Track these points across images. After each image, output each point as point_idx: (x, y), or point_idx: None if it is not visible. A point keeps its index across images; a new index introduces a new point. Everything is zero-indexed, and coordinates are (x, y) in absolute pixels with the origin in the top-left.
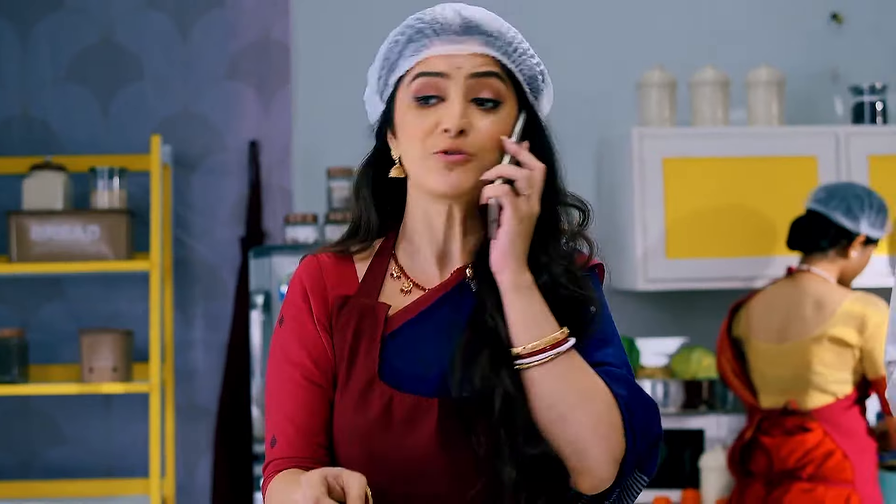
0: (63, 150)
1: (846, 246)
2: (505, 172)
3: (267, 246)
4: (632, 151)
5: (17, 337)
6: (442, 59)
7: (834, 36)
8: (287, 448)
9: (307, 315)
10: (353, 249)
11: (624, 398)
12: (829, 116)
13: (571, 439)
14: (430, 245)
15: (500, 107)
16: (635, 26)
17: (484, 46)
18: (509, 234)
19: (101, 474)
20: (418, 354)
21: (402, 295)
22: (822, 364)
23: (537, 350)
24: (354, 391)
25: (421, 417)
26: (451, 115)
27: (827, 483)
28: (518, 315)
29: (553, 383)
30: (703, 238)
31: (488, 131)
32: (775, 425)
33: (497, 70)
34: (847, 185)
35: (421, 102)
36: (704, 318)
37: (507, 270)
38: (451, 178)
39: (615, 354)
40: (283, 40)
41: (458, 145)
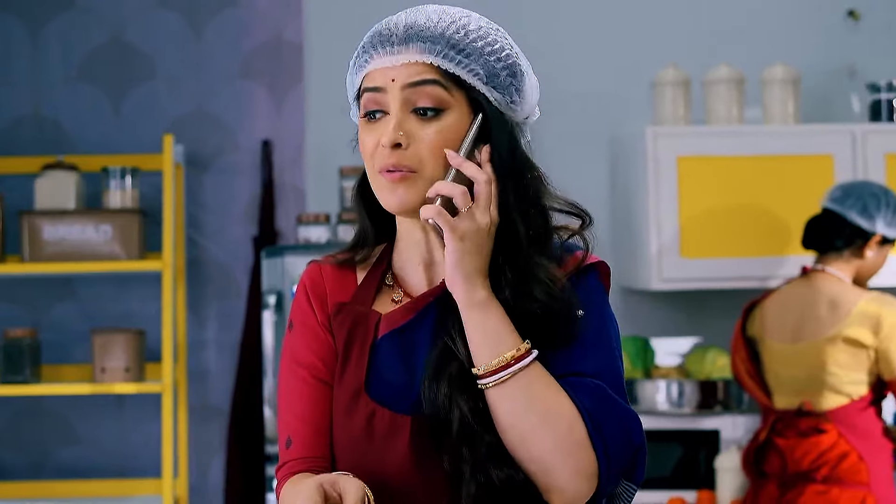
0: (75, 149)
1: (861, 246)
2: (442, 191)
3: (279, 246)
4: (646, 150)
5: (29, 337)
6: (379, 73)
7: (850, 33)
8: (302, 448)
9: (313, 318)
10: (357, 258)
11: (590, 411)
12: (846, 114)
13: (534, 459)
14: (417, 254)
15: (444, 114)
16: (649, 24)
17: (422, 54)
18: (452, 252)
19: (114, 474)
20: (403, 365)
21: (393, 304)
22: (837, 365)
23: (493, 369)
24: (342, 401)
25: (396, 434)
26: (386, 130)
27: (842, 485)
28: (474, 333)
29: (511, 404)
30: (717, 237)
31: (430, 142)
32: (789, 426)
33: (434, 76)
34: (864, 184)
35: (368, 118)
36: (719, 318)
37: (457, 288)
38: (397, 197)
39: (596, 363)
40: (296, 40)
41: (397, 160)
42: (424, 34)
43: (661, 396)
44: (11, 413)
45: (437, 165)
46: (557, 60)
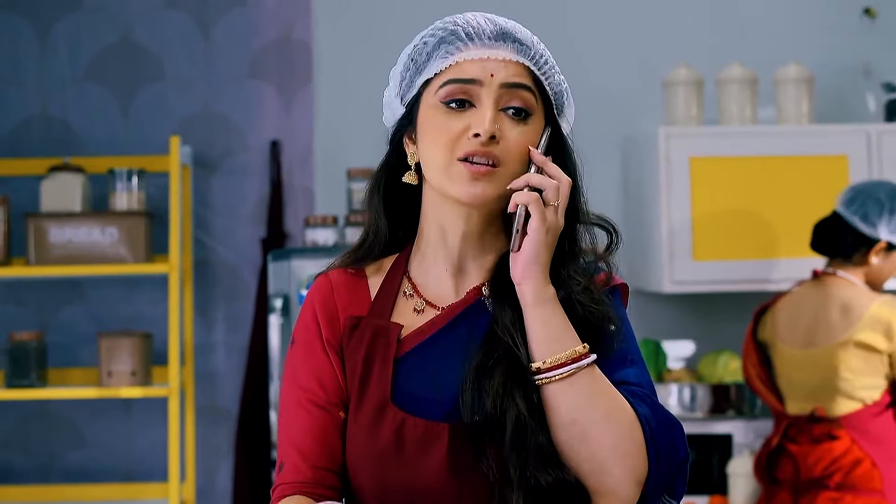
0: (82, 150)
1: (866, 253)
2: (533, 181)
3: (286, 249)
4: (658, 151)
5: (35, 340)
6: (475, 65)
7: (866, 31)
8: (293, 474)
9: (317, 339)
10: (366, 263)
11: (647, 417)
12: (862, 114)
13: (592, 458)
14: (445, 260)
15: (530, 118)
16: (661, 24)
17: (517, 54)
18: (535, 243)
19: (121, 478)
20: (431, 377)
21: (415, 314)
22: (850, 370)
23: (558, 364)
24: (366, 416)
25: (432, 443)
26: (483, 120)
27: (855, 492)
28: (539, 328)
29: (574, 399)
30: (730, 239)
31: (517, 141)
32: (802, 432)
33: (529, 82)
34: (872, 187)
35: (450, 107)
36: (731, 321)
37: (531, 281)
38: (476, 189)
39: (638, 374)
40: (305, 39)
41: (487, 152)
42: (518, 36)
43: (673, 400)
44: (19, 416)
45: (518, 165)
46: (569, 60)
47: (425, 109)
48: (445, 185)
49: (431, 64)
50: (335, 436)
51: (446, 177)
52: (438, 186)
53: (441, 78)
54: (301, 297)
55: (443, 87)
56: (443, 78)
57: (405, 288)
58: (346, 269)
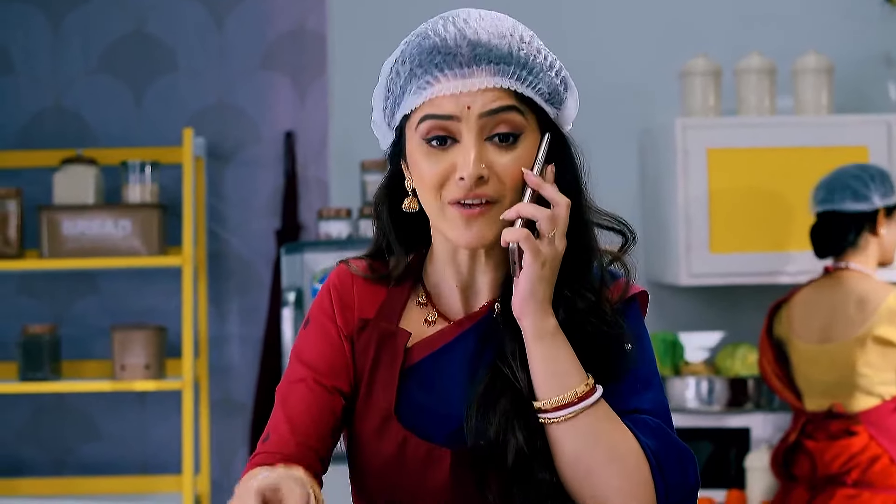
0: (95, 142)
1: (873, 226)
2: (525, 213)
3: (299, 242)
4: (675, 142)
5: (48, 334)
6: (449, 100)
7: (887, 19)
8: (278, 445)
9: (332, 323)
10: (388, 270)
11: (654, 451)
12: (883, 104)
13: (598, 496)
14: (455, 277)
15: (520, 138)
16: (678, 13)
17: (495, 77)
18: (530, 279)
19: (136, 471)
20: (438, 391)
21: (425, 325)
22: (868, 365)
23: (561, 405)
24: (371, 425)
25: (433, 465)
26: (467, 163)
27: (873, 489)
28: (540, 365)
29: (577, 440)
30: (748, 232)
31: (509, 172)
32: (819, 429)
33: (512, 102)
34: (840, 173)
35: (432, 145)
36: (749, 314)
37: (530, 317)
38: (472, 233)
39: (652, 400)
40: (319, 30)
41: (477, 193)
42: (493, 54)
43: (691, 393)
44: (33, 409)
45: (515, 193)
46: (586, 51)
47: (410, 143)
48: (442, 228)
49: (407, 99)
50: (331, 420)
51: (441, 220)
52: (437, 229)
53: (418, 113)
54: (315, 289)
55: (421, 123)
56: (420, 113)
57: (420, 297)
58: (370, 272)
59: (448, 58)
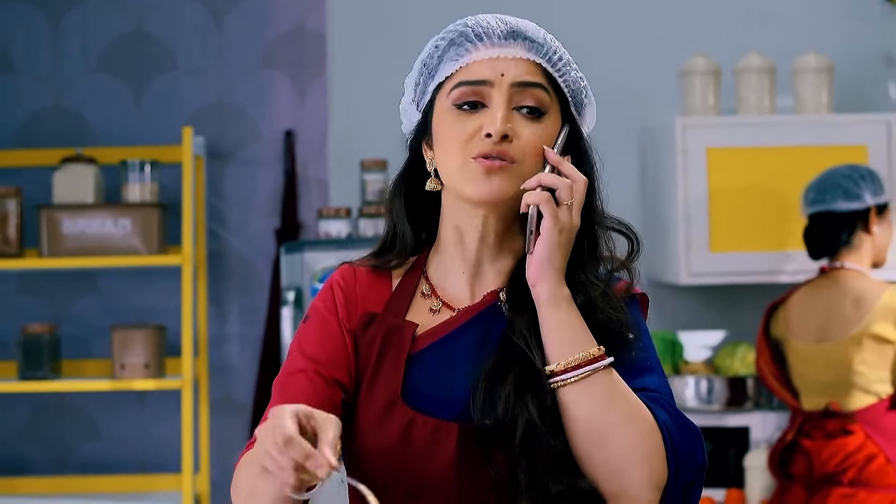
0: (95, 141)
1: (866, 225)
2: (546, 180)
3: (299, 242)
4: (675, 141)
5: (48, 333)
6: (485, 65)
7: (887, 18)
8: None
9: (334, 318)
10: (392, 264)
11: (667, 424)
12: (883, 103)
13: (611, 462)
14: (462, 263)
15: (544, 117)
16: (678, 12)
17: (528, 52)
18: (548, 243)
19: (136, 470)
20: (443, 377)
21: (430, 314)
22: (864, 363)
23: (573, 366)
24: (375, 411)
25: (440, 441)
26: (494, 120)
27: (869, 488)
28: (554, 328)
29: (591, 402)
30: (748, 231)
31: (531, 139)
32: (816, 428)
33: (541, 81)
34: (829, 174)
35: (462, 109)
36: (749, 313)
37: (545, 282)
38: (491, 185)
39: (657, 383)
40: (319, 29)
41: (501, 150)
42: (529, 35)
43: (690, 392)
44: (33, 409)
45: (533, 164)
46: (585, 50)
47: (439, 113)
48: (461, 186)
49: (442, 67)
50: (330, 412)
51: (461, 176)
52: (455, 188)
53: (452, 81)
54: (315, 289)
55: (454, 89)
56: (454, 81)
57: (423, 288)
58: (372, 266)
59: (487, 31)
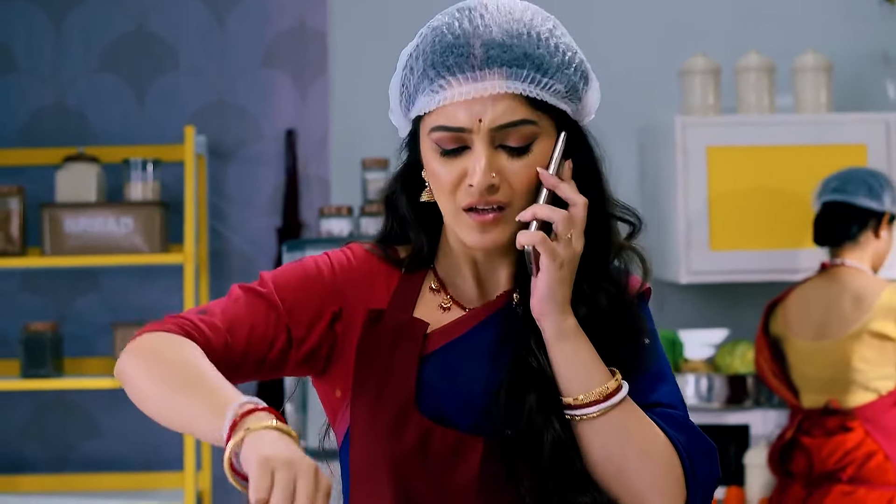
0: (97, 140)
1: (877, 228)
2: (540, 214)
3: (300, 240)
4: (675, 140)
5: (50, 331)
6: (461, 108)
7: (885, 18)
8: (210, 328)
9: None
10: (402, 256)
11: (684, 445)
12: (881, 102)
13: (630, 493)
14: (469, 264)
15: (533, 145)
16: (678, 12)
17: (507, 81)
18: (548, 281)
19: (138, 468)
20: (458, 381)
21: (440, 311)
22: (864, 360)
23: (588, 402)
24: (387, 416)
25: (463, 456)
26: (476, 172)
27: (868, 485)
28: (563, 364)
29: (608, 437)
30: (748, 229)
31: (521, 178)
32: (816, 425)
33: (524, 115)
34: (856, 170)
35: (443, 153)
36: (749, 311)
37: (549, 316)
38: (486, 238)
39: (670, 393)
40: (320, 28)
41: (488, 200)
42: (506, 56)
43: (690, 390)
44: (35, 406)
45: (528, 197)
46: (586, 49)
47: (424, 144)
48: (456, 229)
49: (420, 99)
50: (264, 351)
51: (455, 223)
52: (450, 227)
53: (430, 120)
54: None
55: (433, 131)
56: (432, 121)
57: (431, 283)
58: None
59: (461, 59)
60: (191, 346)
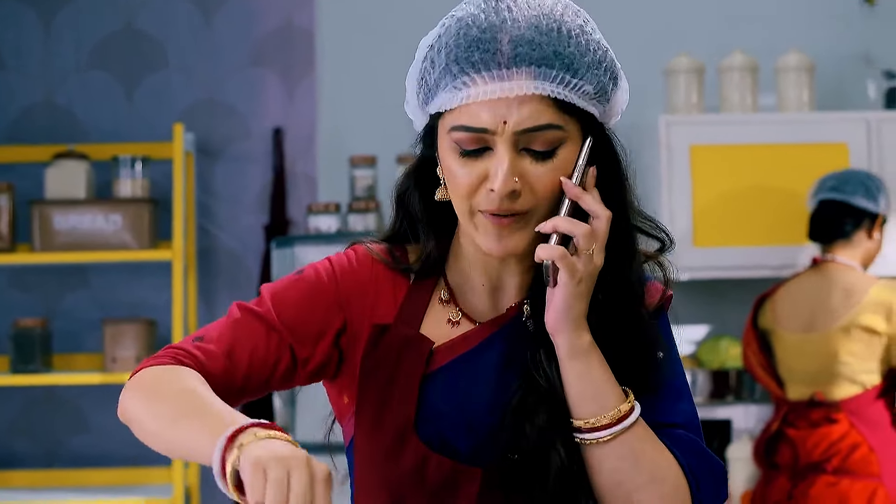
0: (86, 137)
1: (870, 228)
2: (562, 227)
3: (289, 236)
4: (659, 139)
5: (39, 327)
6: (485, 108)
7: (866, 19)
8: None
9: (332, 293)
10: (412, 259)
11: (693, 469)
12: (862, 102)
13: None
14: (482, 275)
15: (559, 149)
16: (662, 12)
17: (535, 81)
18: (565, 297)
19: (126, 463)
20: (463, 398)
21: (448, 326)
22: (851, 354)
23: (599, 426)
24: (387, 438)
25: (460, 485)
26: (497, 177)
27: (853, 476)
28: (575, 383)
29: (617, 462)
30: (731, 226)
31: (544, 183)
32: (801, 417)
33: (550, 119)
34: (853, 171)
35: (463, 154)
36: (733, 308)
37: (564, 333)
38: (503, 244)
39: (685, 411)
40: (307, 27)
41: (508, 208)
42: (535, 54)
43: None
44: (24, 402)
45: (550, 204)
46: None
47: (442, 142)
48: (472, 233)
49: (440, 95)
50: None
51: (471, 226)
52: (465, 231)
53: (451, 118)
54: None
55: (453, 130)
56: (453, 119)
57: (441, 293)
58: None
59: (487, 56)
60: (188, 373)
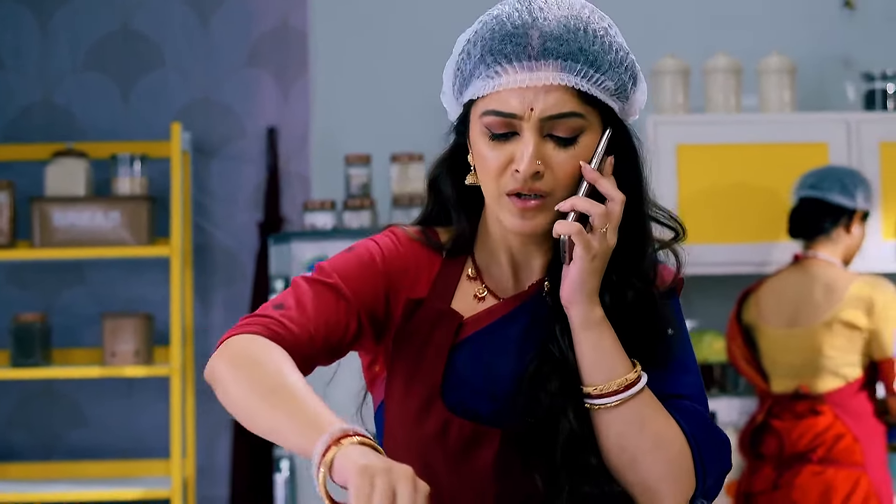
0: (84, 136)
1: (848, 224)
2: (579, 206)
3: (286, 232)
4: (646, 138)
5: (39, 322)
6: (515, 95)
7: (846, 23)
8: (292, 322)
9: (382, 269)
10: (444, 240)
11: (696, 438)
12: (841, 103)
13: (641, 482)
14: (506, 253)
15: (580, 137)
16: (649, 14)
17: (561, 73)
18: (580, 271)
19: (123, 456)
20: (487, 368)
21: (475, 301)
22: (833, 348)
23: (608, 392)
24: (414, 403)
25: (480, 446)
26: (523, 158)
27: (837, 466)
28: (587, 353)
29: (624, 427)
30: (715, 223)
31: (565, 168)
32: (786, 409)
33: (574, 108)
34: (832, 168)
35: (493, 137)
36: (716, 303)
37: (577, 305)
38: (526, 224)
39: (692, 384)
40: (302, 27)
41: (531, 187)
42: (562, 49)
43: None
44: (22, 396)
45: (570, 187)
46: None
47: (473, 127)
48: (498, 212)
49: (474, 83)
50: (342, 339)
51: (497, 206)
52: (492, 210)
53: (483, 104)
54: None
55: (484, 115)
56: (484, 105)
57: (469, 270)
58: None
59: (518, 48)
60: (279, 352)
